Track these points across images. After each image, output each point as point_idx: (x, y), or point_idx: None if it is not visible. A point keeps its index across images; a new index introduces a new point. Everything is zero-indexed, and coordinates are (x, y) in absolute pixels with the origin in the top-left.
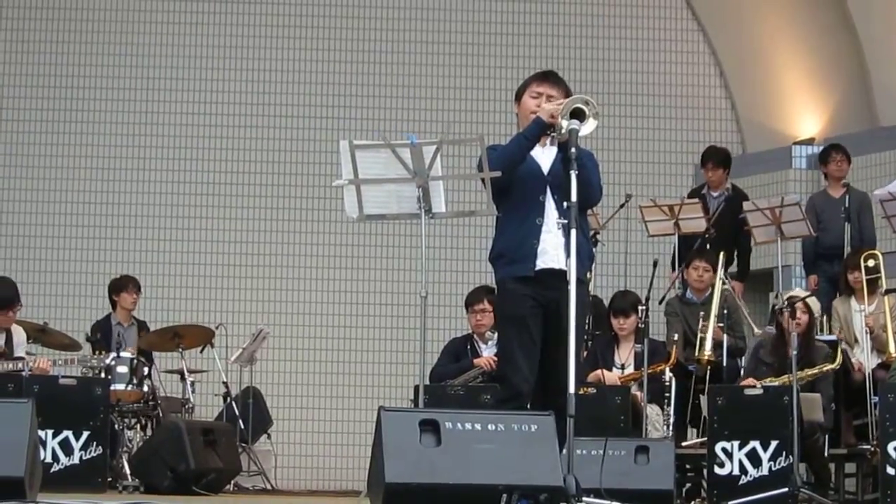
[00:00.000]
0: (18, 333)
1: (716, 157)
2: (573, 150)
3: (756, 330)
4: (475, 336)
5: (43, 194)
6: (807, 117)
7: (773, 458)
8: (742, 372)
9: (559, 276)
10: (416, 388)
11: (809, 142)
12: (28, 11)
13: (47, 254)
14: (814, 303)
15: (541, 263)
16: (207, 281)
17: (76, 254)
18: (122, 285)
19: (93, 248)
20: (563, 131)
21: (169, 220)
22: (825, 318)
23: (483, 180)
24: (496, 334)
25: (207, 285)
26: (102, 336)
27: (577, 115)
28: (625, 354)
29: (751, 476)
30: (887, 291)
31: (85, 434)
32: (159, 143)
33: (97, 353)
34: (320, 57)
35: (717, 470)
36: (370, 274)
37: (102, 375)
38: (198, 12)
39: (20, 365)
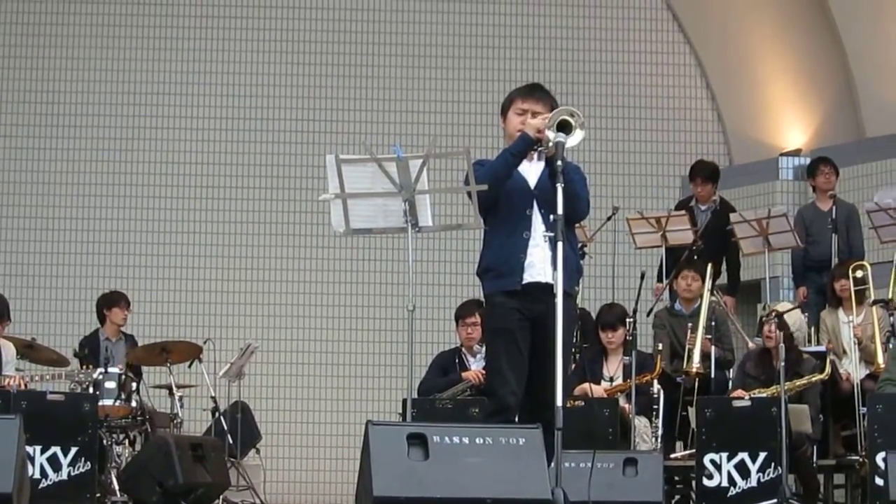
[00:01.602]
0: (8, 350)
1: (704, 173)
2: (559, 163)
3: (750, 344)
4: (463, 349)
5: (30, 210)
6: (793, 129)
7: (761, 469)
8: (730, 384)
9: (546, 289)
10: (405, 402)
11: (796, 153)
12: (17, 27)
13: (34, 269)
14: (794, 315)
15: (528, 277)
16: (195, 296)
17: (63, 269)
18: (113, 301)
19: (80, 264)
20: (550, 144)
21: (156, 236)
22: (813, 329)
23: (469, 194)
24: (484, 347)
25: (195, 300)
26: (90, 351)
27: (564, 126)
28: (613, 367)
29: (739, 487)
30: (875, 302)
31: (73, 450)
32: (146, 158)
33: (85, 368)
34: (306, 71)
35: (705, 482)
36: (358, 288)
37: (90, 391)
38: (184, 28)
39: (7, 381)
